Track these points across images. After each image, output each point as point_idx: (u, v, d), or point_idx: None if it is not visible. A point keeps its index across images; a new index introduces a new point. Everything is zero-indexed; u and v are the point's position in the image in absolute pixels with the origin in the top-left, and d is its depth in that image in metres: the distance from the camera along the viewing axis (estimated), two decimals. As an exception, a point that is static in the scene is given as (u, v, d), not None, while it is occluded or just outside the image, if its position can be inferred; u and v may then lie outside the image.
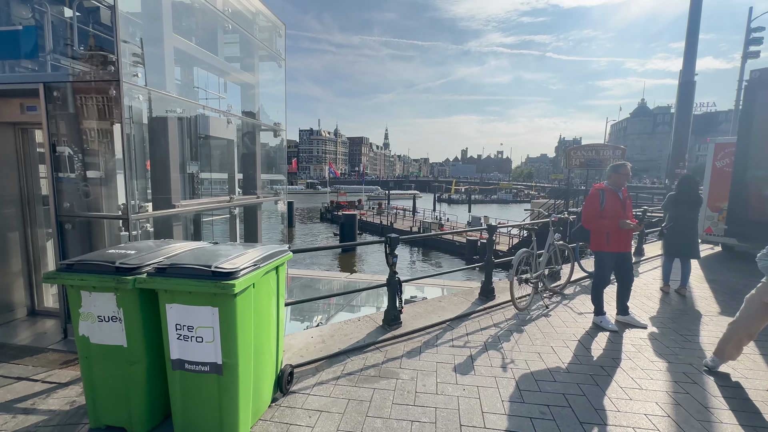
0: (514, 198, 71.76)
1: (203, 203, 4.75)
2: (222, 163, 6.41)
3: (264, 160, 6.88)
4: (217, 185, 6.80)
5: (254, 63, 5.99)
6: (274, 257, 2.55)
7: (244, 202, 5.68)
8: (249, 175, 6.14)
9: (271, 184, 7.26)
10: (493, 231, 4.72)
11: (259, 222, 6.27)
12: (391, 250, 3.81)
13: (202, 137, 5.91)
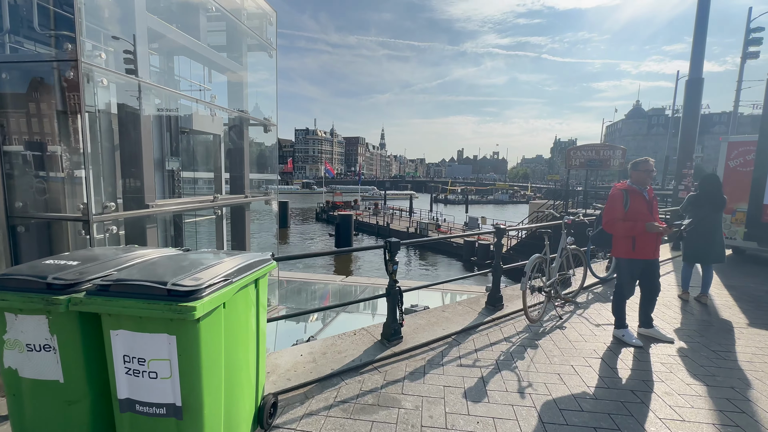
0: (511, 198, 71.65)
1: (183, 203, 4.30)
2: (207, 160, 5.96)
3: (255, 157, 6.44)
4: (204, 184, 6.36)
5: (242, 52, 5.55)
6: (252, 268, 2.12)
7: (230, 201, 5.23)
8: (236, 173, 5.70)
9: (263, 184, 6.82)
10: (502, 234, 4.31)
11: (247, 223, 5.83)
12: (391, 256, 3.39)
13: (185, 131, 5.46)
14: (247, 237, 5.85)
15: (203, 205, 4.59)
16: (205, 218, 5.61)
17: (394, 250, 3.38)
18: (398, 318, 3.50)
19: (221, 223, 5.96)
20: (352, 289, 8.55)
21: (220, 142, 5.78)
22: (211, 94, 4.87)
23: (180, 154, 4.92)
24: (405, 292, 3.68)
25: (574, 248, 4.76)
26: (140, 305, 1.58)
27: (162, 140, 4.64)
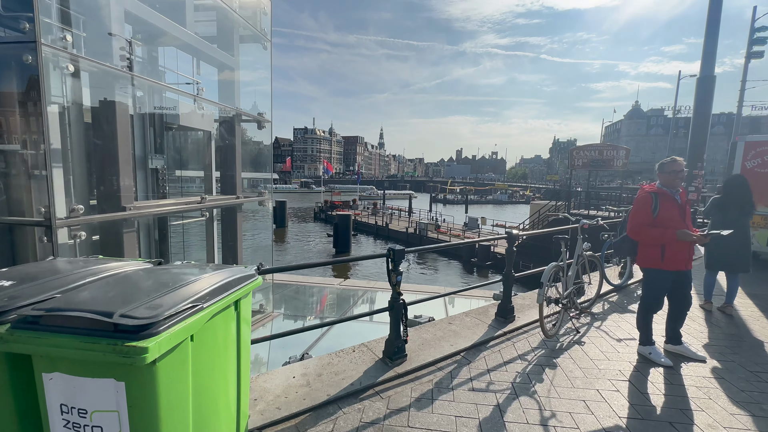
0: (510, 199, 71.44)
1: (166, 205, 3.93)
2: (197, 159, 5.59)
3: (248, 156, 6.07)
4: (193, 184, 6.00)
5: (234, 44, 5.18)
6: (232, 287, 1.77)
7: (220, 203, 4.87)
8: (227, 172, 5.33)
9: (257, 184, 6.46)
10: (514, 240, 3.97)
11: (239, 226, 5.47)
12: (395, 265, 3.04)
13: (173, 127, 5.10)
14: (239, 241, 5.48)
15: (189, 206, 4.22)
16: (194, 221, 5.25)
17: (398, 259, 3.03)
18: (402, 334, 3.15)
19: (211, 226, 5.60)
20: (350, 293, 8.20)
21: (210, 139, 5.42)
22: (199, 87, 4.50)
23: (165, 152, 4.55)
24: (411, 305, 3.33)
25: (590, 255, 4.42)
26: (76, 344, 1.22)
27: (145, 136, 4.28)
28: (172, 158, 5.17)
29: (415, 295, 8.37)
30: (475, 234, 25.11)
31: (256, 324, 5.88)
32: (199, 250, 5.70)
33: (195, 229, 5.99)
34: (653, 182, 3.36)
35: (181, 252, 5.09)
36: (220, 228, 5.70)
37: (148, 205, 3.68)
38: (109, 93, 3.30)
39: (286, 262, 21.03)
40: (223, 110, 5.20)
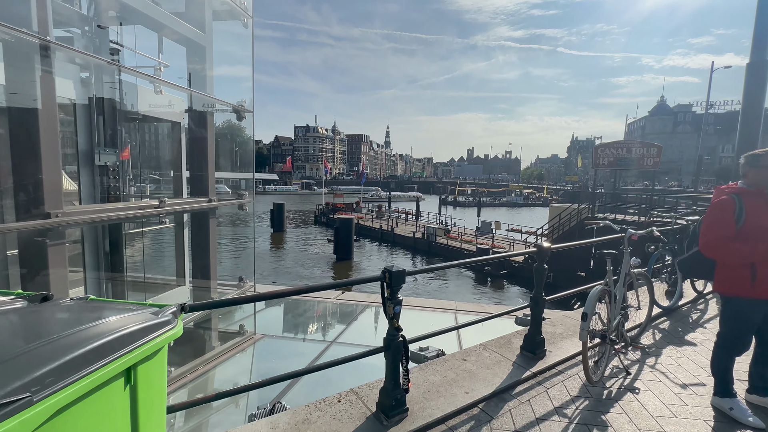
0: (526, 201, 70.40)
1: (108, 210, 3.36)
2: (164, 155, 5.05)
3: (227, 152, 5.52)
4: (167, 184, 5.46)
5: (205, 17, 4.63)
6: (118, 350, 1.17)
7: (185, 206, 4.31)
8: (198, 170, 4.78)
9: (238, 185, 5.90)
10: (545, 256, 3.33)
11: (212, 233, 4.90)
12: (393, 292, 2.43)
13: (136, 118, 4.56)
14: (212, 251, 4.92)
15: (143, 212, 3.65)
16: (154, 228, 4.70)
17: (397, 283, 2.41)
18: (402, 382, 2.53)
19: (182, 234, 5.05)
20: (348, 309, 7.59)
21: (181, 132, 4.87)
22: (157, 67, 3.94)
23: (120, 146, 4.00)
24: (414, 342, 2.71)
25: (638, 272, 3.76)
26: None
27: (91, 127, 3.73)
28: (134, 154, 4.62)
29: (419, 312, 7.73)
30: (488, 240, 24.38)
31: (234, 349, 5.30)
32: (166, 263, 5.15)
33: (163, 237, 5.44)
34: (734, 182, 2.71)
35: (141, 266, 4.54)
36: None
37: (84, 210, 3.12)
38: (28, 69, 2.75)
39: (283, 270, 20.50)
40: (192, 97, 4.65)
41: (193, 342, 5.15)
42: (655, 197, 16.93)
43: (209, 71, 4.74)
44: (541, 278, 3.38)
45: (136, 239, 4.57)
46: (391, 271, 2.41)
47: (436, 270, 2.76)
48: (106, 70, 3.83)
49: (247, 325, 5.80)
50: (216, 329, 5.27)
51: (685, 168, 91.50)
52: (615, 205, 17.65)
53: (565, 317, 4.45)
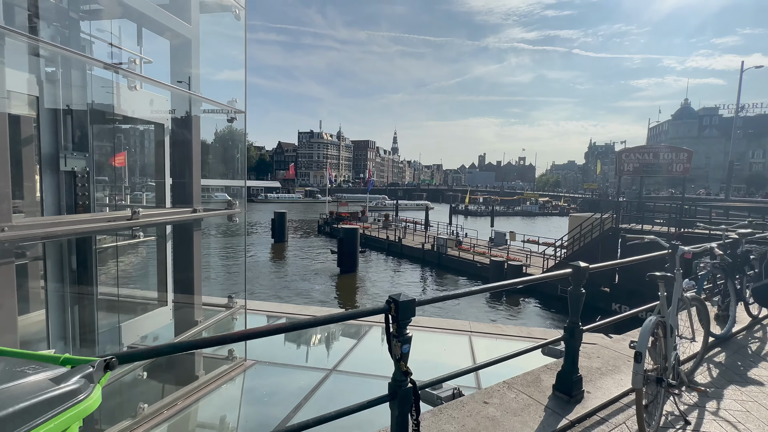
0: (541, 210, 69.56)
1: (67, 223, 3.03)
2: (146, 160, 4.76)
3: (215, 157, 5.22)
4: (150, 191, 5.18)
5: (190, 7, 4.36)
6: None
7: (164, 218, 3.98)
8: (181, 177, 4.46)
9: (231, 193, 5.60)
10: (582, 277, 2.91)
11: (197, 246, 4.57)
12: (399, 328, 2.04)
13: (117, 119, 4.28)
14: (196, 267, 4.58)
15: (112, 224, 3.32)
16: (132, 242, 4.38)
17: (405, 316, 2.03)
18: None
19: (164, 248, 4.73)
20: (352, 331, 7.18)
21: (164, 134, 4.58)
22: (132, 60, 3.64)
23: (92, 149, 3.70)
24: (426, 387, 2.31)
25: (693, 296, 3.32)
26: None
27: (57, 128, 3.44)
28: (109, 159, 4.33)
29: (428, 334, 7.28)
30: (502, 252, 23.82)
31: (221, 378, 4.93)
32: (147, 280, 4.83)
33: (144, 251, 5.13)
34: None
35: (115, 284, 4.21)
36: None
37: (37, 223, 2.79)
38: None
39: (282, 284, 20.15)
40: (175, 96, 4.36)
41: (173, 370, 4.79)
42: (685, 206, 16.35)
43: (195, 67, 4.45)
44: (577, 305, 2.96)
45: (111, 254, 4.24)
46: (397, 300, 2.03)
47: (456, 297, 2.35)
48: (76, 64, 3.55)
49: (237, 349, 5.43)
50: (200, 355, 4.90)
51: (712, 174, 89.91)
52: (641, 214, 17.07)
53: (602, 348, 4.00)
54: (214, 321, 4.74)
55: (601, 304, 16.70)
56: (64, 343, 3.61)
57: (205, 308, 5.24)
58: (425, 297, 2.22)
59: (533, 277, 2.63)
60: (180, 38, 4.31)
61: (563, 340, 2.98)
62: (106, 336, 3.98)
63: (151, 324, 4.59)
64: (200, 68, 4.70)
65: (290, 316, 7.92)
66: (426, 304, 2.19)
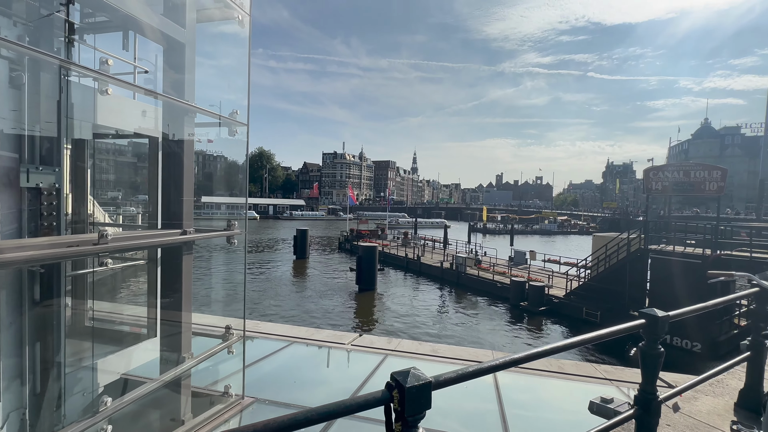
0: (560, 229, 67.09)
1: (16, 249, 2.39)
2: (134, 177, 4.19)
3: (213, 172, 4.62)
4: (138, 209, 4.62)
5: (185, 10, 3.83)
6: None
7: (142, 241, 3.33)
8: (171, 196, 3.85)
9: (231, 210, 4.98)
10: (660, 331, 2.06)
11: (186, 274, 3.91)
12: (406, 427, 1.25)
13: (105, 130, 3.75)
14: (186, 296, 3.91)
15: (75, 250, 2.68)
16: (105, 269, 3.75)
17: (416, 409, 1.25)
18: None
19: (154, 274, 4.09)
20: (366, 361, 6.36)
21: (158, 149, 4.01)
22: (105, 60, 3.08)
23: (62, 163, 3.13)
24: None
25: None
26: None
27: (20, 138, 2.88)
28: (100, 175, 3.77)
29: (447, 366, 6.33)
30: (523, 271, 22.49)
31: (213, 420, 4.19)
32: (129, 311, 4.19)
33: (134, 277, 4.52)
34: None
35: (91, 316, 3.57)
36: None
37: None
38: None
39: (298, 301, 19.47)
40: (169, 107, 3.79)
41: (157, 411, 4.06)
42: (723, 227, 14.86)
43: (190, 76, 3.89)
44: (653, 368, 2.09)
45: (91, 281, 3.63)
46: (403, 385, 1.25)
47: (491, 372, 1.50)
48: (48, 68, 3.01)
49: (234, 385, 4.69)
50: (190, 391, 4.16)
51: (737, 194, 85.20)
52: (672, 234, 15.64)
53: (668, 413, 3.03)
54: (203, 357, 4.03)
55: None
56: (20, 384, 2.96)
57: (200, 339, 4.54)
58: (445, 373, 1.43)
59: (600, 333, 1.80)
60: (173, 43, 3.77)
61: (635, 418, 2.09)
62: (74, 378, 3.33)
63: (134, 360, 3.93)
64: (199, 78, 4.15)
65: (300, 341, 7.17)
66: (447, 385, 1.39)
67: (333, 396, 5.09)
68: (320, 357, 6.59)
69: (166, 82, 3.88)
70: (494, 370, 1.54)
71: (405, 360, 6.46)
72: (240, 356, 4.84)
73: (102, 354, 3.78)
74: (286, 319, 16.36)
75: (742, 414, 2.90)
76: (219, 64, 4.73)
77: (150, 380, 3.64)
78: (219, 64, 4.73)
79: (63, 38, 3.17)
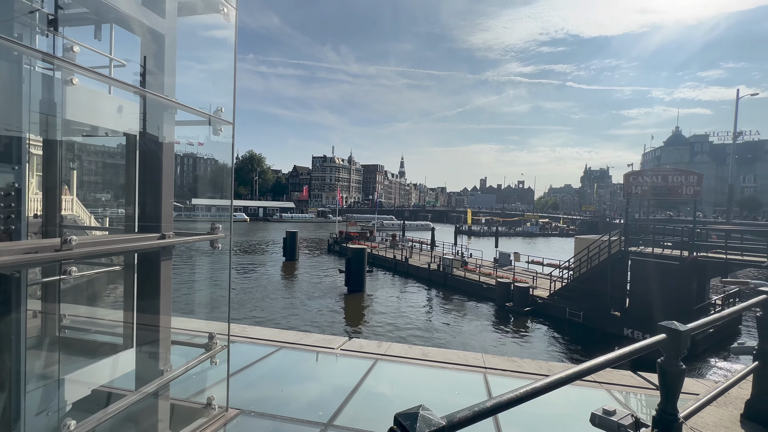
0: (542, 231, 67.85)
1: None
2: (110, 177, 3.82)
3: (199, 172, 4.23)
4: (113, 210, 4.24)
5: (164, 0, 3.50)
6: None
7: (112, 246, 2.98)
8: (148, 198, 3.50)
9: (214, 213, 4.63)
10: (682, 346, 1.84)
11: (164, 280, 3.55)
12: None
13: (84, 131, 3.38)
14: (165, 303, 3.55)
15: (30, 258, 2.32)
16: (76, 276, 3.38)
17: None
18: None
19: (131, 281, 3.72)
20: (357, 366, 6.05)
21: (136, 147, 3.65)
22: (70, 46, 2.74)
23: (24, 160, 2.76)
24: None
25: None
26: None
27: (-27, 132, 2.51)
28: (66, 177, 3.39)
29: (439, 372, 6.08)
30: (508, 272, 22.46)
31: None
32: (102, 321, 3.82)
33: (109, 281, 4.14)
34: None
35: (58, 326, 3.19)
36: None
37: None
38: None
39: (287, 303, 18.98)
40: (147, 103, 3.44)
41: (132, 428, 3.69)
42: (699, 229, 15.04)
43: (170, 70, 3.55)
44: (674, 386, 1.86)
45: (58, 290, 3.25)
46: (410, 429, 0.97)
47: (513, 405, 1.20)
48: (5, 54, 2.65)
49: (218, 396, 4.33)
50: (169, 405, 3.79)
51: (706, 198, 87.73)
52: (650, 237, 15.76)
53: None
54: (183, 369, 3.67)
55: (612, 329, 15.23)
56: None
57: (180, 349, 4.17)
58: (459, 411, 1.14)
59: (621, 353, 1.55)
60: (152, 34, 3.43)
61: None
62: (37, 396, 2.95)
63: (107, 374, 3.55)
64: (182, 75, 3.81)
65: (288, 346, 6.81)
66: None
67: (321, 406, 4.78)
68: (309, 363, 6.25)
69: (144, 75, 3.53)
70: (511, 404, 1.27)
71: (395, 365, 6.18)
72: (224, 365, 4.48)
73: (71, 368, 3.40)
74: (274, 322, 15.89)
75: (749, 426, 2.70)
76: (204, 61, 4.40)
77: (124, 396, 3.27)
78: (204, 61, 4.40)
79: (29, 25, 2.81)
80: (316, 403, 4.93)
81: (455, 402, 5.53)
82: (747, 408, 2.75)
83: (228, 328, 4.49)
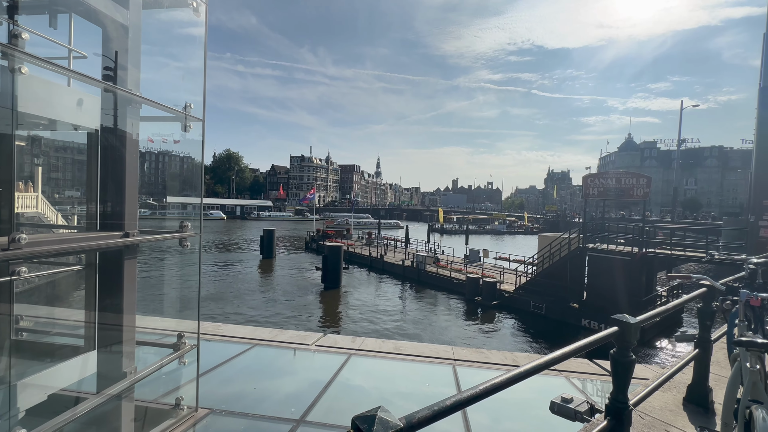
0: (509, 229, 69.72)
1: None
2: (72, 173, 3.54)
3: (167, 169, 4.01)
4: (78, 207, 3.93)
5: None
6: None
7: (67, 245, 2.74)
8: (110, 195, 3.26)
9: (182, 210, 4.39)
10: (632, 338, 1.87)
11: (129, 279, 3.33)
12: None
13: (40, 124, 3.10)
14: (128, 304, 3.32)
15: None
16: (23, 278, 3.11)
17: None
18: None
19: (93, 281, 3.46)
20: (331, 361, 5.93)
21: (97, 143, 3.39)
22: (18, 31, 2.49)
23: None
24: None
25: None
26: None
27: None
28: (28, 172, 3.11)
29: (410, 365, 6.07)
30: (477, 268, 22.88)
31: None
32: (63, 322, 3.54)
33: (70, 281, 3.85)
34: None
35: (12, 329, 2.92)
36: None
37: None
38: None
39: (265, 299, 18.53)
40: (109, 97, 3.20)
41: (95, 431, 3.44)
42: (648, 227, 15.84)
43: (134, 63, 3.32)
44: (624, 377, 1.89)
45: (12, 291, 2.97)
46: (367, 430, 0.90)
47: (469, 404, 1.18)
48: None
49: (187, 396, 4.12)
50: (134, 406, 3.56)
51: (653, 199, 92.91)
52: (605, 234, 16.48)
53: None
54: (149, 371, 3.45)
55: (571, 320, 15.81)
56: None
57: (146, 350, 3.94)
58: (419, 411, 1.09)
59: (577, 346, 1.55)
60: (114, 25, 3.19)
61: (608, 430, 1.88)
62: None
63: (66, 377, 3.29)
64: (150, 71, 3.57)
65: (262, 343, 6.60)
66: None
67: (294, 403, 4.65)
68: (283, 359, 6.09)
69: (107, 69, 3.28)
70: (471, 401, 1.23)
71: (368, 359, 6.12)
72: (194, 365, 4.27)
73: (26, 372, 3.12)
74: (250, 319, 15.45)
75: (690, 408, 2.82)
76: (173, 56, 4.16)
77: (85, 399, 3.03)
78: (173, 56, 4.16)
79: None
80: (289, 399, 4.79)
81: (426, 393, 5.54)
82: (688, 392, 2.87)
83: (198, 327, 4.28)
